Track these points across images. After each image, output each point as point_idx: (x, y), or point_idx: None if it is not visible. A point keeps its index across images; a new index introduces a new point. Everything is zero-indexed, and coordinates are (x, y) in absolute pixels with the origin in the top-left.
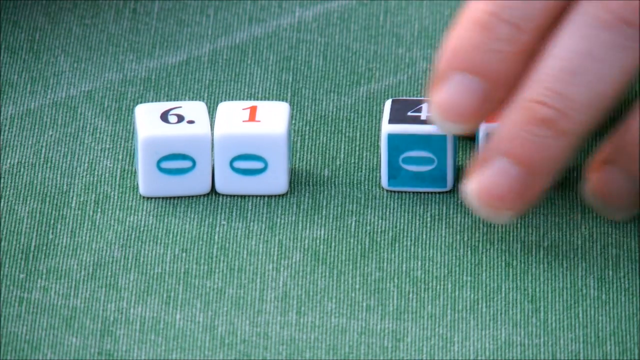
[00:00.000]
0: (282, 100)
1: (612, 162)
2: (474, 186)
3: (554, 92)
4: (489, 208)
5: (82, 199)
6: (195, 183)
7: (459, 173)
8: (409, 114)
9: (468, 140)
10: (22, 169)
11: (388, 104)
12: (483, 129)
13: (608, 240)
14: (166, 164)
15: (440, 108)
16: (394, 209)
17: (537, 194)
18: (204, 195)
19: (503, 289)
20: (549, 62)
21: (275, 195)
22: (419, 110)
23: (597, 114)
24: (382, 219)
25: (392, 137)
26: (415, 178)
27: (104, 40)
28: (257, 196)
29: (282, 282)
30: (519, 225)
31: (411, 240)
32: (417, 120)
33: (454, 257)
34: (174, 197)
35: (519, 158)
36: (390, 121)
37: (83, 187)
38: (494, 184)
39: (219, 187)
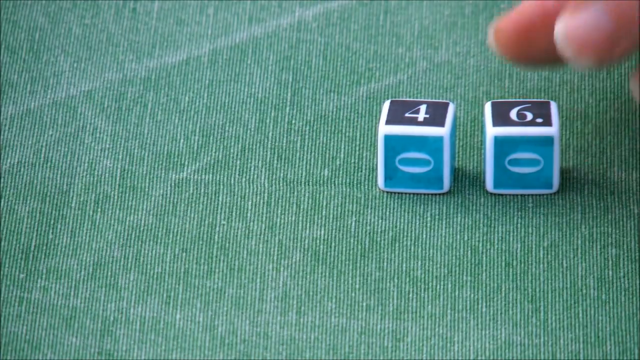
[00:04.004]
0: (282, 100)
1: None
2: (564, 26)
3: None
4: (573, 50)
5: (82, 199)
6: None
7: (457, 174)
8: (407, 115)
9: (467, 142)
10: (22, 169)
11: (386, 105)
12: (490, 133)
13: (608, 240)
14: None
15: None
16: (393, 209)
17: (619, 54)
18: (204, 195)
19: (503, 289)
20: None
21: (275, 195)
22: (417, 112)
23: None
24: (382, 219)
25: (388, 138)
26: (412, 179)
27: (104, 40)
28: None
29: (282, 282)
30: (519, 225)
31: (411, 240)
32: (414, 122)
33: (454, 257)
34: (174, 197)
35: (616, 12)
36: (388, 122)
37: (83, 187)
38: (583, 29)
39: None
